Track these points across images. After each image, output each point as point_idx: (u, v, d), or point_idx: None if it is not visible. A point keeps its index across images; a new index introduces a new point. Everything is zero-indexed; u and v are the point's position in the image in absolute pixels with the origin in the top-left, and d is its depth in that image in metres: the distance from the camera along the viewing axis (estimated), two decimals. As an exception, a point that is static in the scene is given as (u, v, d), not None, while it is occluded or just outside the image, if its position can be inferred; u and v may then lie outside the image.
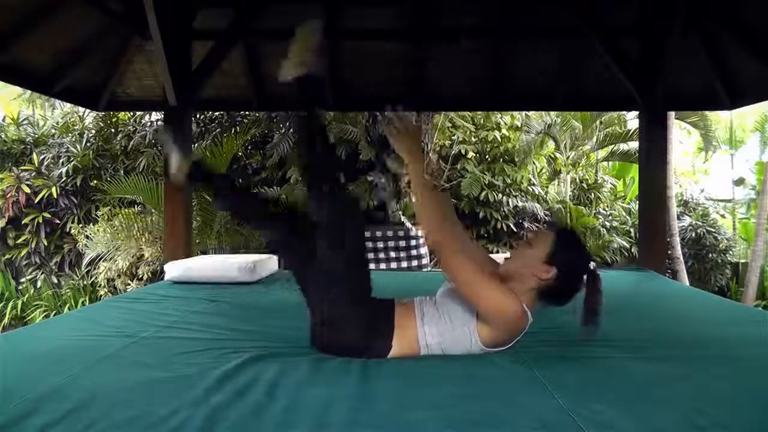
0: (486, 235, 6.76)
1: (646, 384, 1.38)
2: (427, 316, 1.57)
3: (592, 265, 1.55)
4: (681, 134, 11.45)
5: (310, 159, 1.87)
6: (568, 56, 4.24)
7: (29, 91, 7.94)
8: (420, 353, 1.56)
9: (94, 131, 6.82)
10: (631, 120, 8.36)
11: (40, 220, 6.41)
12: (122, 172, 6.33)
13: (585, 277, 1.52)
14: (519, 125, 7.15)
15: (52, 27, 3.46)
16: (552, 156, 7.84)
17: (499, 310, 1.47)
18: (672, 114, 6.49)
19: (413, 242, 6.02)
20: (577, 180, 7.77)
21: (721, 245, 7.36)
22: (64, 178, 6.43)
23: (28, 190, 6.35)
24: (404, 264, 5.92)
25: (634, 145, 7.26)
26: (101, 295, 6.21)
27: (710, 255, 7.31)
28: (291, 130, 6.44)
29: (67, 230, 6.47)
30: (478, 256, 1.72)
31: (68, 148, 6.60)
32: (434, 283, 1.76)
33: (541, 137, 7.23)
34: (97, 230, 5.96)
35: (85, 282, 6.50)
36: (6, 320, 6.40)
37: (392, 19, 4.16)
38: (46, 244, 6.47)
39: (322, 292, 1.62)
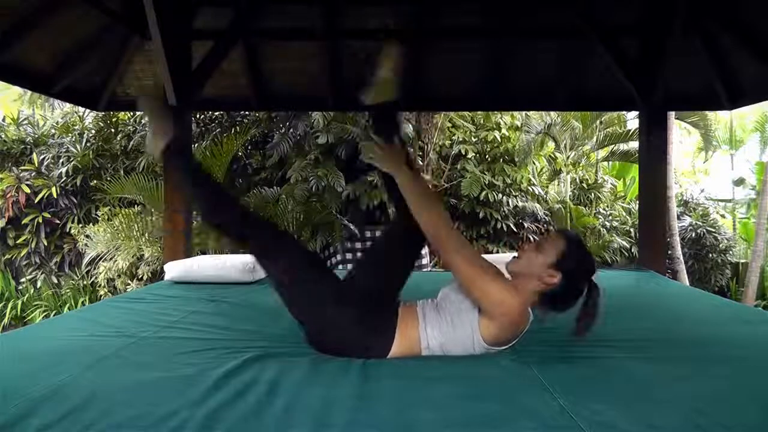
0: (486, 235, 6.76)
1: (646, 384, 1.38)
2: (429, 318, 1.58)
3: (596, 278, 1.57)
4: (681, 134, 11.46)
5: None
6: (568, 56, 4.23)
7: (29, 92, 7.95)
8: (421, 354, 1.56)
9: (94, 131, 6.82)
10: (631, 120, 8.37)
11: (40, 220, 6.42)
12: (122, 172, 6.33)
13: (586, 287, 1.55)
14: (519, 125, 7.16)
15: (52, 27, 3.46)
16: (552, 156, 7.85)
17: (502, 304, 1.48)
18: (672, 114, 6.50)
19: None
20: (577, 180, 7.78)
21: (721, 245, 7.37)
22: (64, 178, 6.43)
23: (28, 190, 6.35)
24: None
25: (634, 145, 7.26)
26: (101, 295, 6.21)
27: (710, 255, 7.32)
28: (291, 130, 6.44)
29: (67, 230, 6.47)
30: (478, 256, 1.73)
31: (68, 148, 6.60)
32: (434, 283, 1.76)
33: (541, 137, 7.24)
34: (97, 230, 5.96)
35: (85, 282, 6.51)
36: (6, 320, 6.40)
37: (392, 19, 4.16)
38: (46, 244, 6.47)
39: (328, 297, 1.62)
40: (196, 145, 6.02)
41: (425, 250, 6.11)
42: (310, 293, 1.63)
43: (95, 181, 6.39)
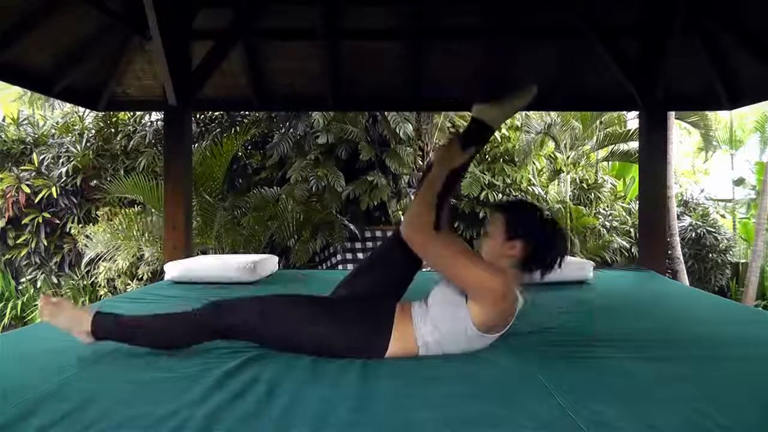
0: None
1: (647, 384, 1.38)
2: (422, 316, 1.59)
3: (546, 214, 1.62)
4: (681, 134, 11.46)
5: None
6: (568, 56, 4.23)
7: (29, 92, 7.95)
8: (419, 353, 1.57)
9: (94, 131, 6.82)
10: (631, 120, 8.37)
11: (40, 220, 6.42)
12: (122, 172, 6.33)
13: (547, 227, 1.58)
14: (519, 125, 7.16)
15: (52, 27, 3.46)
16: (552, 156, 7.85)
17: (485, 284, 1.49)
18: (672, 114, 6.50)
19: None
20: (577, 180, 7.77)
21: (721, 245, 7.36)
22: (64, 178, 6.43)
23: (28, 190, 6.35)
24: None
25: (634, 145, 7.26)
26: (101, 295, 6.21)
27: (710, 255, 7.32)
28: (291, 130, 6.44)
29: (67, 230, 6.47)
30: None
31: (68, 148, 6.60)
32: (434, 283, 1.75)
33: (541, 137, 7.24)
34: (97, 230, 5.96)
35: (85, 282, 6.51)
36: (6, 320, 6.40)
37: (392, 18, 4.16)
38: (46, 244, 6.47)
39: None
40: (196, 145, 6.02)
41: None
42: (306, 320, 1.61)
43: (95, 181, 6.39)
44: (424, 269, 1.93)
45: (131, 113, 6.69)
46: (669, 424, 1.13)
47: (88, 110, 6.52)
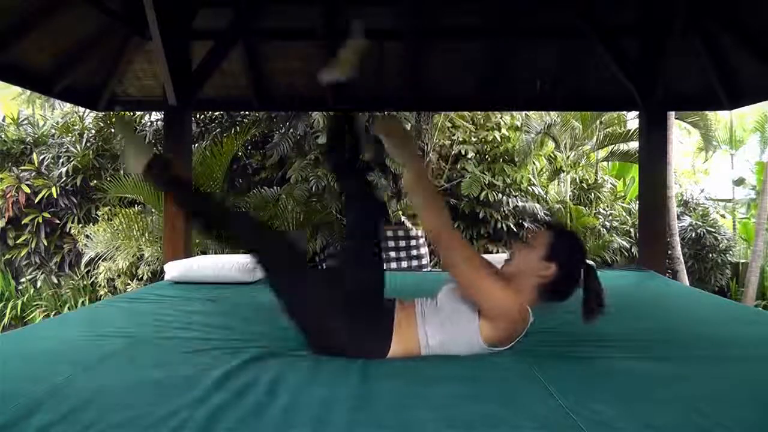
0: (486, 235, 6.76)
1: (646, 384, 1.38)
2: (428, 317, 1.58)
3: (588, 261, 1.59)
4: (681, 134, 11.45)
5: (337, 160, 1.86)
6: (568, 56, 4.23)
7: (29, 91, 7.94)
8: (421, 354, 1.56)
9: (94, 131, 6.82)
10: (631, 120, 8.36)
11: (40, 220, 6.41)
12: (122, 172, 6.32)
13: (582, 270, 1.56)
14: (519, 125, 7.16)
15: (52, 27, 3.46)
16: (552, 156, 7.84)
17: (502, 307, 1.48)
18: (672, 114, 6.49)
19: (413, 242, 6.03)
20: (577, 180, 7.77)
21: (721, 245, 7.36)
22: (64, 178, 6.43)
23: (28, 190, 6.35)
24: (404, 264, 5.93)
25: (634, 145, 7.25)
26: (101, 295, 6.21)
27: (710, 255, 7.31)
28: (291, 130, 6.44)
29: (67, 230, 6.47)
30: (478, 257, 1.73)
31: (68, 148, 6.60)
32: (434, 283, 1.76)
33: (541, 137, 7.23)
34: (97, 230, 5.95)
35: (85, 282, 6.50)
36: (6, 320, 6.39)
37: (392, 18, 4.16)
38: (46, 244, 6.47)
39: (320, 293, 1.62)
40: (196, 145, 6.02)
41: (425, 250, 6.11)
42: (307, 294, 1.63)
43: (95, 181, 6.38)
44: (423, 269, 1.93)
45: (131, 113, 6.68)
46: (669, 424, 1.13)
47: (88, 110, 6.52)
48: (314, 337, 1.63)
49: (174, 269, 3.06)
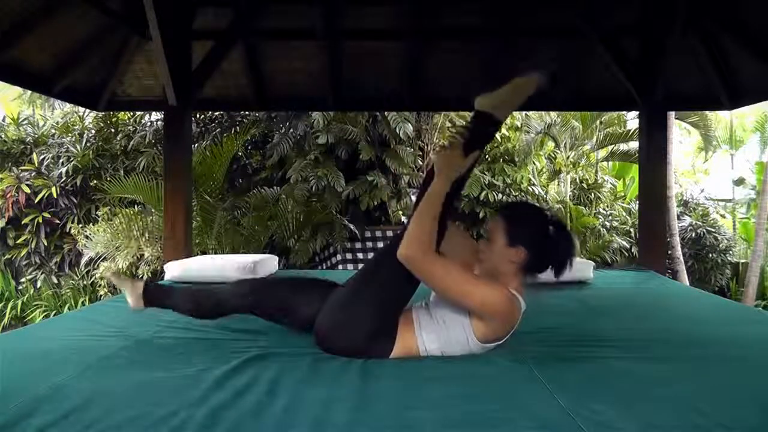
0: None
1: (646, 384, 1.38)
2: (423, 322, 1.59)
3: (548, 214, 1.59)
4: (681, 134, 11.46)
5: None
6: (568, 56, 4.23)
7: (29, 91, 7.95)
8: (420, 356, 1.57)
9: (94, 131, 6.82)
10: (631, 120, 8.37)
11: (40, 220, 6.41)
12: (122, 172, 6.33)
13: (551, 231, 1.55)
14: (519, 125, 7.16)
15: (52, 27, 3.46)
16: (552, 156, 7.85)
17: (487, 303, 1.49)
18: (672, 114, 6.49)
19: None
20: (577, 180, 7.77)
21: (721, 245, 7.36)
22: (64, 178, 6.42)
23: (28, 190, 6.35)
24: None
25: (634, 145, 7.26)
26: (101, 295, 6.21)
27: (710, 255, 7.31)
28: (291, 130, 6.44)
29: (67, 230, 6.47)
30: (458, 251, 1.74)
31: (68, 148, 6.60)
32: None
33: (541, 137, 7.23)
34: (97, 230, 5.95)
35: (85, 282, 6.50)
36: (6, 320, 6.39)
37: (392, 19, 4.16)
38: (46, 244, 6.47)
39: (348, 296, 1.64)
40: (196, 145, 6.02)
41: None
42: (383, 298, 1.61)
43: (95, 181, 6.38)
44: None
45: (131, 113, 6.68)
46: (669, 424, 1.13)
47: (88, 110, 6.52)
48: (332, 332, 1.60)
49: (174, 269, 3.06)
